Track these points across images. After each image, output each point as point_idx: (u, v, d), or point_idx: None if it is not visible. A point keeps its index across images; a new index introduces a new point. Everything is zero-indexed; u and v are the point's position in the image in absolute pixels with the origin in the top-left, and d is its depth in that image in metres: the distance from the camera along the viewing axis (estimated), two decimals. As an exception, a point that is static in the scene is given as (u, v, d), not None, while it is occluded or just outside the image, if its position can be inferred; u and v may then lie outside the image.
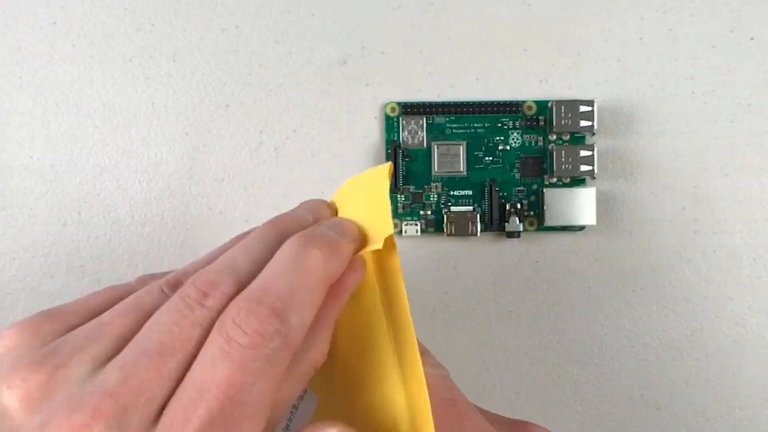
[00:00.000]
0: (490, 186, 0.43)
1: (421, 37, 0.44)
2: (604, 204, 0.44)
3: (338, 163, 0.44)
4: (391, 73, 0.44)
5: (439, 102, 0.43)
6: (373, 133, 0.44)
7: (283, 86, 0.44)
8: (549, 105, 0.43)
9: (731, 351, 0.44)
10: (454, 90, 0.44)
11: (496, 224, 0.43)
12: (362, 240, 0.29)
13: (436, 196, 0.43)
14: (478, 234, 0.43)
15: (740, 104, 0.44)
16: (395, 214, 0.43)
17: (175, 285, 0.27)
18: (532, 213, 0.43)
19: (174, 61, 0.44)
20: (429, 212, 0.43)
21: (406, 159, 0.43)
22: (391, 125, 0.43)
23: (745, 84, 0.44)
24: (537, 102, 0.43)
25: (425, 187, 0.43)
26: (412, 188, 0.43)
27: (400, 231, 0.43)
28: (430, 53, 0.44)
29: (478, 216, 0.43)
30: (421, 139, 0.43)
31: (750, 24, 0.44)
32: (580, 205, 0.42)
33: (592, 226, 0.43)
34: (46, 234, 0.43)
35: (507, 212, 0.43)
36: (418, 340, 0.28)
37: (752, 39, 0.44)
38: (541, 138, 0.43)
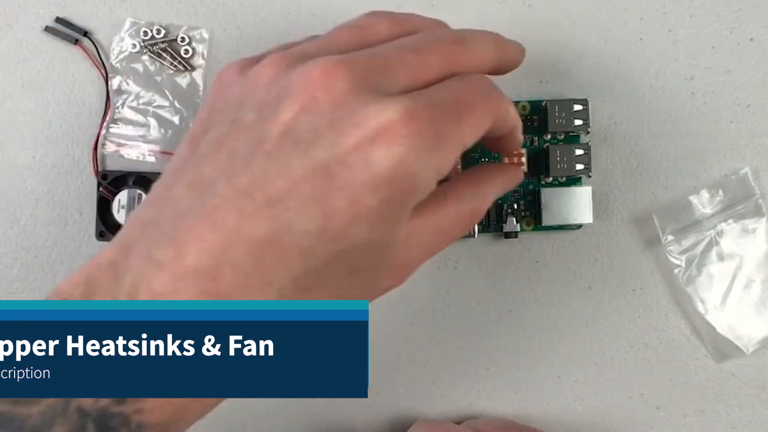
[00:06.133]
0: (487, 187, 0.43)
1: (421, 37, 0.44)
2: (604, 203, 0.44)
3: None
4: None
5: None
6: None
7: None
8: (543, 104, 0.43)
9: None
10: (453, 90, 0.44)
11: (493, 225, 0.43)
12: None
13: (434, 198, 0.43)
14: (476, 235, 0.43)
15: (740, 105, 0.44)
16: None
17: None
18: (528, 213, 0.43)
19: (174, 61, 0.44)
20: (427, 214, 0.43)
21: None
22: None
23: (744, 84, 0.44)
24: (531, 102, 0.43)
25: (423, 189, 0.43)
26: (410, 191, 0.43)
27: (399, 232, 0.43)
28: (430, 54, 0.44)
29: (475, 217, 0.43)
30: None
31: (749, 25, 0.44)
32: (577, 204, 0.42)
33: (589, 225, 0.43)
34: (48, 234, 0.44)
35: (504, 213, 0.43)
36: None
37: (752, 40, 0.44)
38: (536, 138, 0.43)
